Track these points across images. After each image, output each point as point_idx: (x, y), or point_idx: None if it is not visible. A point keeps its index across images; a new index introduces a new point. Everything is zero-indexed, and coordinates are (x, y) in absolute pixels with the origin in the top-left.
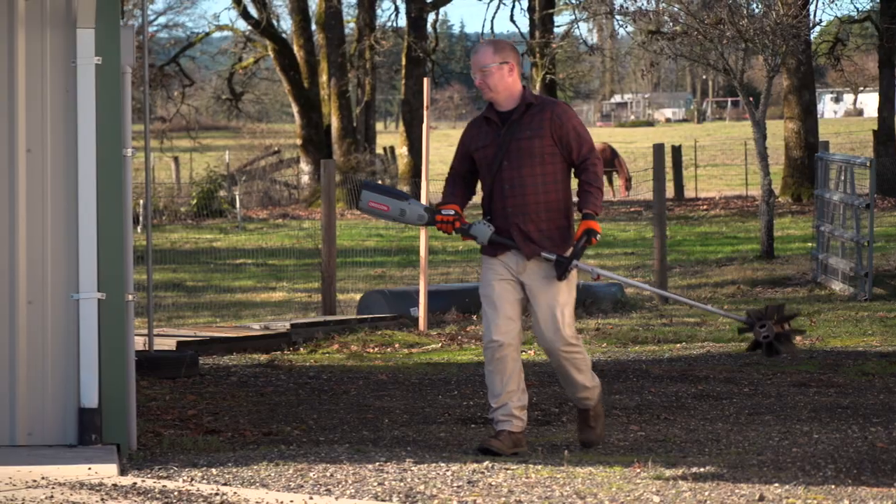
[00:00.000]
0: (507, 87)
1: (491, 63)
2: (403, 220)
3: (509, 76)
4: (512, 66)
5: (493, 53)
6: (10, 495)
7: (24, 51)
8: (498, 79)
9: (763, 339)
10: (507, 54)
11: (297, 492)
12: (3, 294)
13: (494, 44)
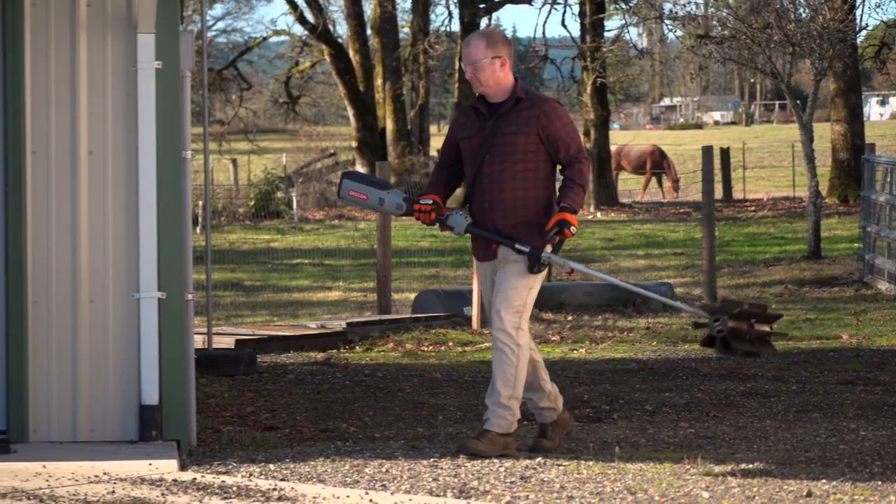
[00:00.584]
0: (497, 81)
1: (483, 58)
2: (382, 210)
3: (501, 70)
4: (504, 59)
5: (485, 48)
6: (72, 490)
7: (85, 55)
8: (489, 73)
9: (717, 334)
10: (500, 48)
11: (353, 487)
12: (66, 293)
13: (486, 37)
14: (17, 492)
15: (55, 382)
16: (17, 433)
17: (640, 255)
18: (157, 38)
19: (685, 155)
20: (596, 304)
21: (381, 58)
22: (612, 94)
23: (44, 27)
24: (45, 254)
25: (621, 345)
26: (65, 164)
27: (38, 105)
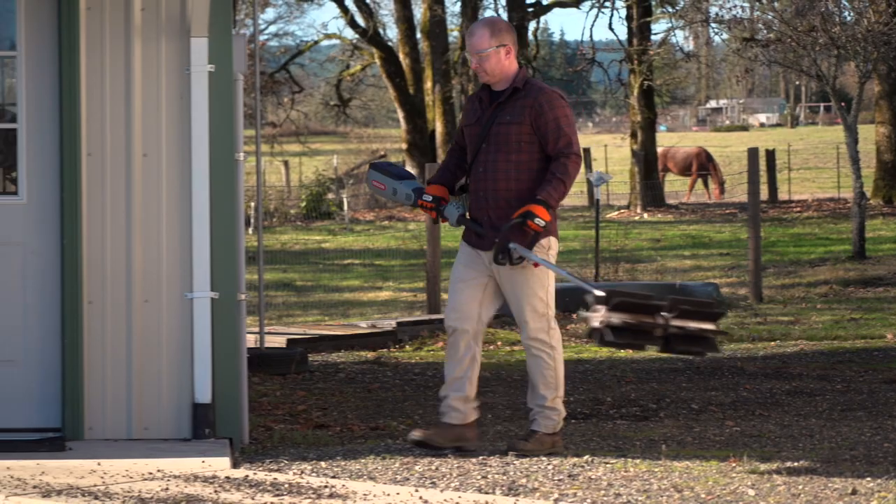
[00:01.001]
0: (503, 70)
1: (488, 47)
2: (396, 200)
3: (506, 59)
4: (509, 48)
5: (489, 37)
6: (126, 487)
7: (140, 59)
8: (495, 63)
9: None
10: (504, 36)
11: (404, 484)
12: (121, 294)
13: (490, 26)
14: (72, 489)
15: (110, 381)
16: (73, 431)
17: (686, 255)
18: (211, 41)
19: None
20: None
21: (431, 61)
22: (658, 97)
23: (99, 31)
24: (101, 255)
25: None
26: (120, 166)
27: (94, 108)
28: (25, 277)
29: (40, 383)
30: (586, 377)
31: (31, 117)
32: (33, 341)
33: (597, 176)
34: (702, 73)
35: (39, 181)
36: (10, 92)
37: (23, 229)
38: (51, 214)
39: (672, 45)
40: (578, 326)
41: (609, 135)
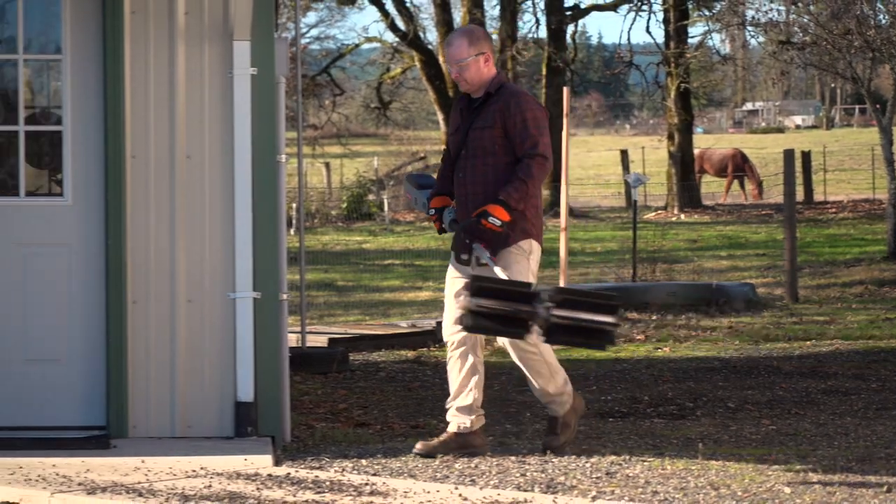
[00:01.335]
0: (482, 78)
1: (467, 57)
2: (418, 209)
3: (485, 66)
4: (487, 55)
5: (468, 46)
6: (170, 484)
7: (183, 62)
8: (474, 71)
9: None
10: (483, 44)
11: (443, 482)
12: (165, 294)
13: (468, 35)
14: (116, 486)
15: (154, 380)
16: (117, 429)
17: (722, 255)
18: (253, 45)
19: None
20: (680, 303)
21: None
22: (695, 99)
23: (143, 35)
24: (144, 255)
25: (704, 343)
26: (163, 168)
27: (138, 110)
28: (70, 277)
29: (85, 382)
30: (624, 376)
31: (76, 120)
32: (78, 340)
33: (634, 177)
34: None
35: (84, 183)
36: (55, 95)
37: (68, 230)
38: (95, 215)
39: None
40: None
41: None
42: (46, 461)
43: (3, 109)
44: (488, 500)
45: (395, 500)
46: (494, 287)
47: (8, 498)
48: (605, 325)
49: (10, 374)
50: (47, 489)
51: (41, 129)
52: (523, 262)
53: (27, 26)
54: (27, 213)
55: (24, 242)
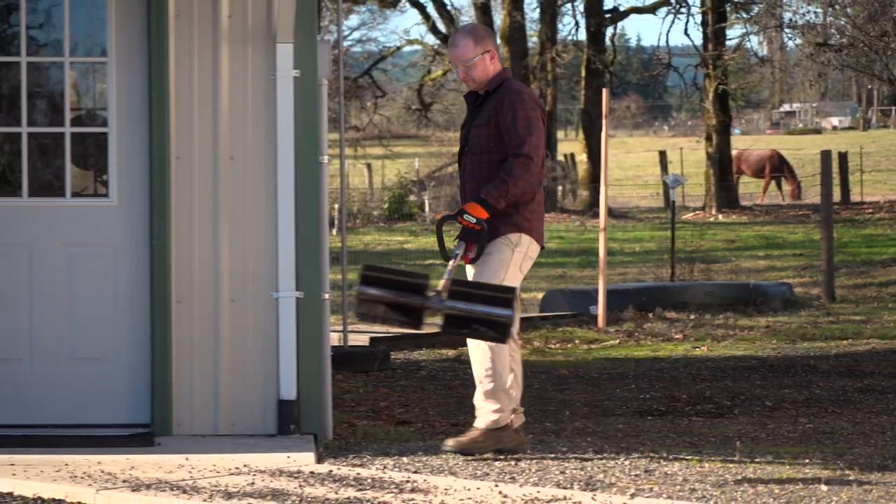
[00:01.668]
0: (488, 76)
1: (473, 56)
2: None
3: (491, 64)
4: (492, 53)
5: (474, 46)
6: (213, 482)
7: (227, 64)
8: (481, 70)
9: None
10: (487, 42)
11: (484, 479)
12: (208, 293)
13: (473, 34)
14: (161, 483)
15: (197, 378)
16: (161, 427)
17: (760, 255)
18: (296, 47)
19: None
20: (717, 303)
21: (511, 66)
22: (733, 101)
23: (187, 38)
24: (188, 255)
25: (742, 343)
26: (207, 169)
27: (182, 112)
28: (115, 277)
29: (130, 380)
30: (662, 375)
31: (121, 122)
32: (123, 339)
33: (672, 178)
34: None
35: (129, 184)
36: (100, 97)
37: (113, 231)
38: (140, 216)
39: (746, 50)
40: (655, 325)
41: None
42: (92, 458)
43: (49, 111)
44: (528, 498)
45: (436, 497)
46: (387, 277)
47: (54, 495)
48: (500, 318)
49: (56, 373)
50: (93, 486)
51: (87, 130)
52: (506, 252)
53: (73, 29)
54: (73, 214)
55: (70, 243)
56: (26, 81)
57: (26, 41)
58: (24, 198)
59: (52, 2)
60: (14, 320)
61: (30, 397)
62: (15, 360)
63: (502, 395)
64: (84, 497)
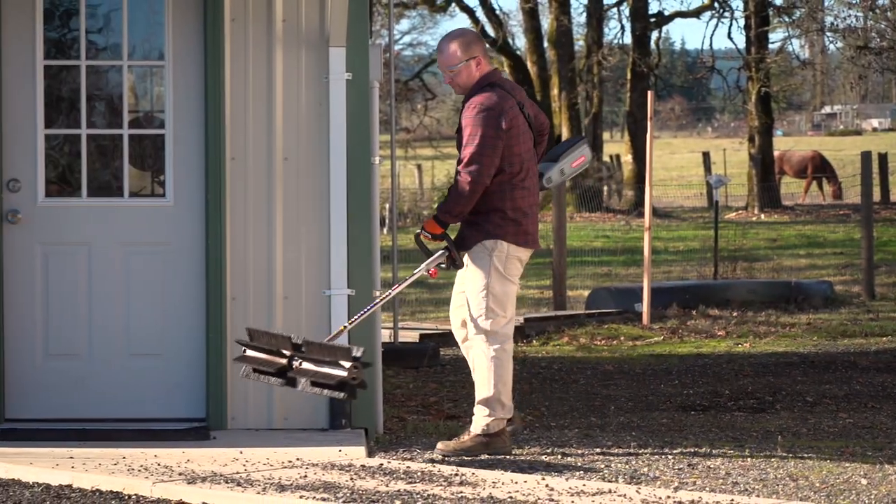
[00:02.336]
0: (472, 82)
1: (458, 63)
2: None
3: (476, 70)
4: (479, 59)
5: (460, 52)
6: (267, 475)
7: (281, 67)
8: (466, 76)
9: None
10: (474, 49)
11: (530, 473)
12: (262, 290)
13: (460, 41)
14: (215, 476)
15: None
16: (216, 421)
17: (801, 254)
18: (348, 51)
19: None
20: (759, 300)
21: (557, 69)
22: (775, 103)
23: (242, 41)
24: (243, 253)
25: (783, 339)
26: (261, 169)
27: (237, 114)
28: (172, 275)
29: (186, 376)
30: (705, 371)
31: (177, 124)
32: (180, 336)
33: (716, 178)
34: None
35: (185, 184)
36: (158, 100)
37: (169, 230)
38: (196, 215)
39: (788, 53)
40: (698, 322)
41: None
42: (149, 452)
43: (108, 114)
44: (574, 490)
45: (484, 490)
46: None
47: (112, 487)
48: (341, 378)
49: (114, 369)
50: (149, 479)
51: (144, 132)
52: (483, 259)
53: (131, 34)
54: (131, 214)
55: (127, 242)
56: (86, 84)
57: (86, 45)
58: (83, 198)
59: (110, 7)
60: (74, 317)
61: (89, 392)
62: (75, 356)
63: (497, 404)
64: (141, 489)
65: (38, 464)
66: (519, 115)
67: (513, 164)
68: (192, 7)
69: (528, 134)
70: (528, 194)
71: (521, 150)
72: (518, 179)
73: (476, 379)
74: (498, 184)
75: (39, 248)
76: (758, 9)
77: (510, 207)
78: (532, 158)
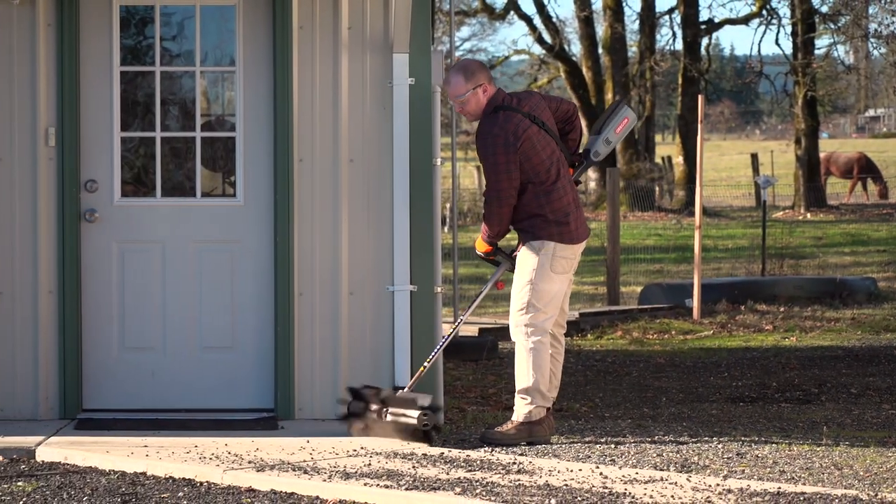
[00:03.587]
0: (480, 108)
1: (465, 92)
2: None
3: (483, 97)
4: (484, 86)
5: (465, 82)
6: (332, 463)
7: (346, 73)
8: (474, 104)
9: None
10: (479, 77)
11: (585, 462)
12: (328, 286)
13: (464, 70)
14: (283, 464)
15: (318, 366)
16: (284, 411)
17: (846, 252)
18: (411, 57)
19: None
20: (805, 296)
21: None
22: (821, 106)
23: (309, 48)
24: (310, 251)
25: (829, 333)
26: (327, 171)
27: (304, 117)
28: (242, 272)
29: (255, 368)
30: (754, 364)
31: (247, 127)
32: (249, 330)
33: (764, 179)
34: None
35: (255, 185)
36: (228, 104)
37: (240, 228)
38: (265, 215)
39: (833, 58)
40: (746, 317)
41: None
42: (220, 441)
43: (181, 117)
44: (627, 479)
45: (541, 477)
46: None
47: (184, 475)
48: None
49: (187, 361)
50: (220, 466)
51: (216, 135)
52: (530, 257)
53: (204, 41)
54: (203, 213)
55: (199, 240)
56: (160, 89)
57: (160, 52)
58: (157, 198)
59: (184, 15)
60: (149, 312)
61: (163, 384)
62: (150, 350)
63: (536, 393)
64: (212, 477)
65: (114, 452)
66: (530, 127)
67: (538, 173)
68: (261, 15)
69: (546, 139)
70: (563, 194)
71: (542, 157)
72: (549, 185)
73: (516, 370)
74: (533, 195)
75: (116, 245)
76: (804, 16)
77: (549, 211)
78: (559, 159)
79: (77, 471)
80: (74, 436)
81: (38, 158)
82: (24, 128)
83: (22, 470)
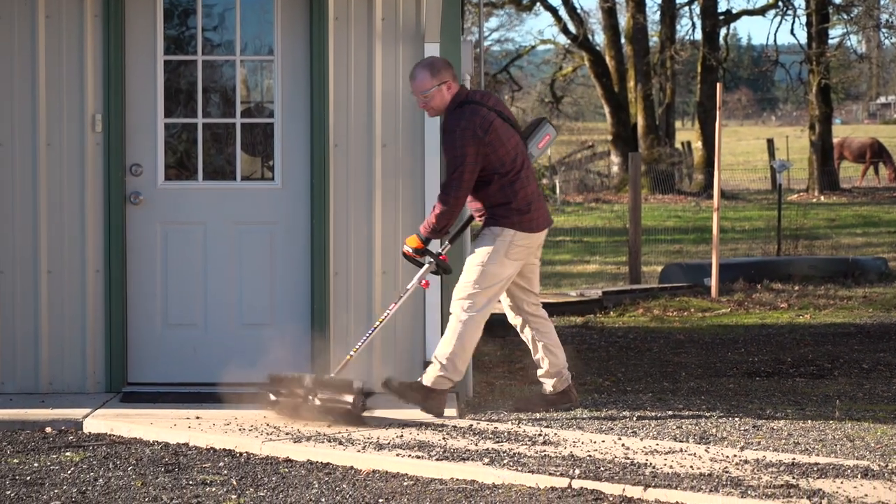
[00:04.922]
0: (444, 104)
1: (430, 87)
2: None
3: (448, 93)
4: (449, 83)
5: (431, 78)
6: (366, 434)
7: (380, 62)
8: (438, 100)
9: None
10: (444, 74)
11: (608, 433)
12: (362, 266)
13: (430, 68)
14: (319, 435)
15: (353, 341)
16: None
17: (858, 233)
18: (442, 46)
19: None
20: (819, 275)
21: (634, 63)
22: (834, 94)
23: (345, 38)
24: (345, 232)
25: (841, 311)
26: (361, 155)
27: (340, 104)
28: (280, 252)
29: (292, 343)
30: (769, 340)
31: (285, 113)
32: (287, 307)
33: (779, 163)
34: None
35: (292, 169)
36: (267, 91)
37: (278, 211)
38: (302, 197)
39: (846, 48)
40: (762, 295)
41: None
42: (258, 413)
43: (222, 104)
44: (648, 450)
45: (566, 448)
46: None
47: (225, 445)
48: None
49: (227, 337)
50: (258, 438)
51: (255, 121)
52: (488, 240)
53: (244, 31)
54: (243, 196)
55: (239, 221)
56: (201, 77)
57: (202, 42)
58: (199, 181)
59: (224, 6)
60: (191, 290)
61: (204, 359)
62: (192, 326)
63: (450, 364)
64: (251, 448)
65: (158, 424)
66: (495, 119)
67: (504, 163)
68: (299, 7)
69: (510, 131)
70: (527, 184)
71: (507, 148)
72: (514, 175)
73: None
74: (499, 186)
75: (159, 226)
76: (818, 7)
77: (513, 201)
78: (522, 151)
79: (122, 441)
80: (120, 408)
81: (86, 144)
82: (72, 115)
83: (70, 441)
